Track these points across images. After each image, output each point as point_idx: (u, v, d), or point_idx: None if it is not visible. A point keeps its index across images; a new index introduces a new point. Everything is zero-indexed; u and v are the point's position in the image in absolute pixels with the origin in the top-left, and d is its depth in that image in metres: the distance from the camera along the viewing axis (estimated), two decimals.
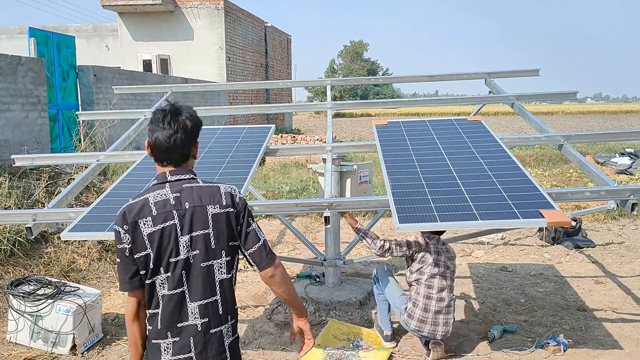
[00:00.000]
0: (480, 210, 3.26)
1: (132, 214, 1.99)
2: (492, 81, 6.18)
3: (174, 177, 2.06)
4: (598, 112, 61.37)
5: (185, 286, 2.00)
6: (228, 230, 2.06)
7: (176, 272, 1.99)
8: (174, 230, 1.99)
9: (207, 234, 2.02)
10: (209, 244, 2.02)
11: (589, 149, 14.88)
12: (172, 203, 2.01)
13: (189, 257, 2.00)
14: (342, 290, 5.17)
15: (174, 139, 2.02)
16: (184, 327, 2.01)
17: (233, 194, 2.11)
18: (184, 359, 2.00)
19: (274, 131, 5.17)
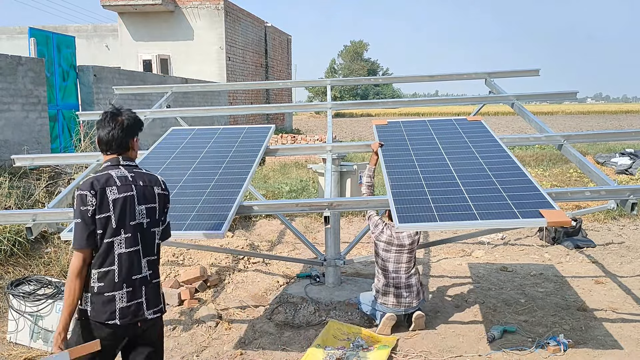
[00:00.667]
0: (479, 210, 3.26)
1: (99, 183, 2.47)
2: (493, 81, 6.18)
3: (125, 162, 2.62)
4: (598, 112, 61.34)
5: (139, 245, 2.54)
6: (163, 207, 2.69)
7: (133, 233, 2.51)
8: (133, 200, 2.54)
9: (154, 207, 2.62)
10: (154, 215, 2.62)
11: (589, 149, 14.88)
12: (130, 180, 2.57)
13: (143, 223, 2.56)
14: (342, 290, 5.17)
15: (112, 135, 2.59)
16: (138, 279, 2.52)
17: (165, 182, 2.77)
18: (136, 304, 2.49)
19: (273, 131, 5.18)
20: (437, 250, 6.94)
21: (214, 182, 4.01)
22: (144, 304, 2.52)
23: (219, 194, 3.80)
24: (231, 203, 3.63)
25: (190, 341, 4.29)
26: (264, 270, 6.02)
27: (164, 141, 5.02)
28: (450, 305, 5.02)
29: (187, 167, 4.33)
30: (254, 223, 8.39)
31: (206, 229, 3.34)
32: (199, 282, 5.37)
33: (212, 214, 3.50)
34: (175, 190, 3.91)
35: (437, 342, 4.22)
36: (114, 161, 2.59)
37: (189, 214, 3.53)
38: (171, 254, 6.16)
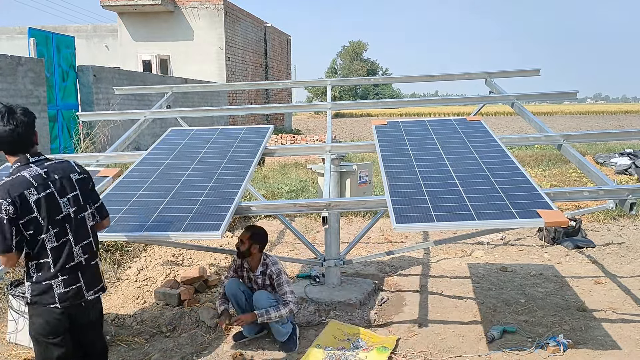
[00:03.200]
0: (477, 210, 3.25)
1: (15, 188, 2.51)
2: (493, 81, 6.18)
3: (33, 159, 2.65)
4: (598, 112, 61.38)
5: (69, 235, 2.67)
6: (86, 190, 2.81)
7: (61, 226, 2.64)
8: (54, 196, 2.62)
9: (76, 195, 2.73)
10: (79, 201, 2.74)
11: (589, 149, 14.87)
12: (45, 177, 2.62)
13: (69, 213, 2.68)
14: (342, 291, 5.17)
15: (17, 133, 2.58)
16: (72, 265, 2.68)
17: (80, 165, 2.86)
18: (75, 288, 2.69)
19: (272, 131, 5.17)
20: (437, 250, 6.94)
21: (212, 182, 4.01)
22: (83, 287, 2.73)
23: (217, 194, 3.80)
24: (229, 204, 3.63)
25: (190, 341, 4.29)
26: None
27: (163, 142, 5.02)
28: (450, 305, 5.02)
29: (185, 168, 4.33)
30: (253, 223, 8.39)
31: (204, 229, 3.33)
32: (199, 282, 5.37)
33: (210, 215, 3.50)
34: (173, 191, 3.91)
35: (437, 342, 4.22)
36: (23, 160, 2.62)
37: (187, 214, 3.53)
38: (171, 254, 6.17)
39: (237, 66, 19.69)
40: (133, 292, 5.26)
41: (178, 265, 5.94)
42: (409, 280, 5.76)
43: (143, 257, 6.06)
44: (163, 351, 4.11)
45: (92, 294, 2.77)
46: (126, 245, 6.16)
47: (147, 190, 3.94)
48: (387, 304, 5.09)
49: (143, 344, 4.24)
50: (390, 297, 5.27)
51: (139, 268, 5.75)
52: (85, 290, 2.74)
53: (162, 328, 4.50)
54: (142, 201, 3.77)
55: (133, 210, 3.63)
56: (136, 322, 4.62)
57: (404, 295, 5.30)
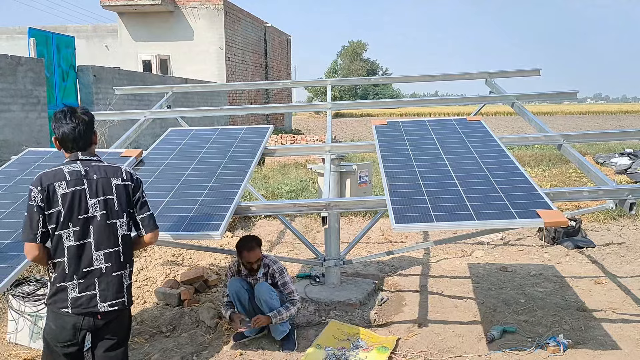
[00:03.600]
0: (477, 210, 3.25)
1: (48, 178, 2.54)
2: (493, 81, 6.17)
3: (84, 157, 2.67)
4: (598, 112, 61.37)
5: (90, 237, 2.59)
6: (127, 198, 2.70)
7: (84, 226, 2.56)
8: (84, 194, 2.58)
9: (111, 199, 2.64)
10: (113, 207, 2.64)
11: (589, 149, 14.87)
12: (83, 174, 2.61)
13: (96, 216, 2.60)
14: (342, 291, 5.17)
15: (78, 130, 2.65)
16: (90, 271, 2.58)
17: (132, 173, 2.78)
18: (88, 295, 2.57)
19: (272, 131, 5.17)
20: (437, 250, 6.94)
21: (211, 182, 4.01)
22: (97, 296, 2.59)
23: (216, 194, 3.80)
24: (229, 204, 3.63)
25: (190, 341, 4.29)
26: None
27: (162, 142, 5.02)
28: (450, 305, 5.02)
29: (185, 168, 4.33)
30: (253, 223, 8.39)
31: (203, 229, 3.34)
32: (199, 282, 5.37)
33: (209, 215, 3.50)
34: (173, 191, 3.91)
35: (437, 342, 4.21)
36: (73, 157, 2.67)
37: (187, 214, 3.53)
38: (171, 254, 6.17)
39: (237, 66, 19.69)
40: (133, 292, 5.25)
41: (178, 265, 5.94)
42: (409, 280, 5.76)
43: (143, 257, 6.06)
44: (163, 351, 4.11)
45: (106, 307, 2.60)
46: None
47: (146, 191, 3.93)
48: (387, 304, 5.10)
49: (143, 343, 4.24)
50: (390, 297, 5.27)
51: (139, 268, 5.76)
52: (99, 300, 2.59)
53: (162, 328, 4.51)
54: None
55: None
56: (136, 322, 4.62)
57: (404, 295, 5.30)
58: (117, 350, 2.73)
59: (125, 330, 2.80)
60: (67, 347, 2.61)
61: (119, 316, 2.70)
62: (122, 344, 2.76)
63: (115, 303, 2.64)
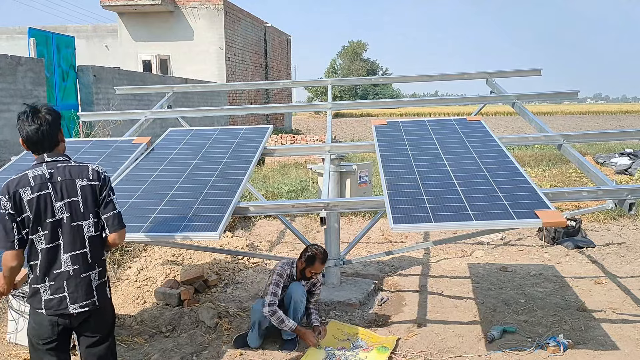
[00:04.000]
0: (475, 210, 3.25)
1: (12, 185, 2.55)
2: (494, 81, 6.17)
3: (50, 159, 2.63)
4: (598, 112, 61.36)
5: (60, 240, 2.59)
6: (93, 198, 2.66)
7: (53, 229, 2.57)
8: (49, 198, 2.57)
9: (75, 201, 2.61)
10: (78, 209, 2.62)
11: (589, 149, 14.87)
12: (47, 177, 2.59)
13: (63, 218, 2.59)
14: (342, 291, 5.17)
15: (41, 131, 2.60)
16: (59, 273, 2.59)
17: (99, 172, 2.71)
18: (59, 297, 2.59)
19: (271, 132, 5.17)
20: (437, 250, 6.94)
21: (211, 183, 4.01)
22: (67, 298, 2.59)
23: (215, 194, 3.80)
24: (227, 204, 3.63)
25: (189, 341, 4.29)
26: (263, 270, 6.02)
27: (162, 142, 5.02)
28: (450, 305, 5.02)
29: (184, 168, 4.33)
30: (253, 223, 8.39)
31: (202, 230, 3.34)
32: (199, 282, 5.37)
33: (208, 215, 3.50)
34: (172, 192, 3.91)
35: (437, 342, 4.21)
36: (40, 159, 2.64)
37: (186, 215, 3.53)
38: (171, 254, 6.16)
39: (237, 66, 19.69)
40: (133, 292, 5.26)
41: (178, 265, 5.94)
42: (409, 280, 5.76)
43: (143, 257, 6.06)
44: (163, 351, 4.10)
45: (77, 308, 2.61)
46: (126, 245, 6.15)
47: (145, 191, 3.94)
48: (387, 304, 5.10)
49: (143, 344, 4.24)
50: (390, 297, 5.27)
51: (139, 268, 5.75)
52: (69, 302, 2.60)
53: (162, 328, 4.50)
54: (141, 202, 3.77)
55: (132, 210, 3.64)
56: (136, 322, 4.62)
57: (404, 295, 5.30)
58: (99, 346, 2.75)
59: (108, 327, 2.80)
60: (48, 344, 2.64)
61: (97, 314, 2.70)
62: (104, 340, 2.77)
63: (85, 304, 2.64)
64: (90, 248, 2.66)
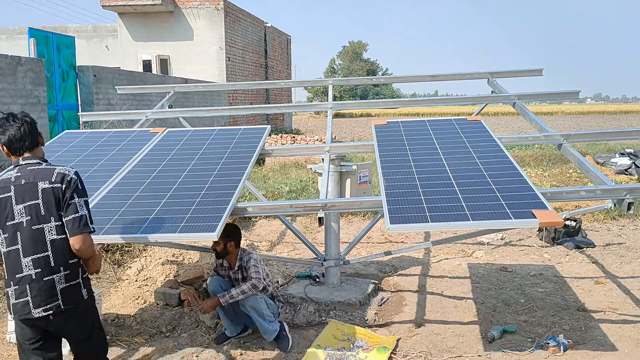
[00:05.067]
0: (472, 210, 3.24)
1: None
2: (495, 81, 6.17)
3: (24, 162, 2.69)
4: (598, 112, 61.37)
5: (19, 244, 2.60)
6: (55, 201, 2.62)
7: (12, 233, 2.60)
8: (10, 201, 2.61)
9: (35, 204, 2.61)
10: (39, 212, 2.60)
11: (589, 149, 14.87)
12: (12, 180, 2.63)
13: (23, 222, 2.60)
14: (342, 291, 5.17)
15: (23, 130, 2.68)
16: (21, 277, 2.60)
17: (65, 174, 2.67)
18: (22, 302, 2.60)
19: (269, 132, 5.16)
20: (437, 250, 6.94)
21: (208, 183, 4.01)
22: (30, 302, 2.59)
23: (213, 195, 3.80)
24: (226, 205, 3.63)
25: (189, 341, 4.29)
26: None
27: (160, 143, 5.01)
28: (450, 305, 5.02)
29: (182, 169, 4.33)
30: (253, 223, 8.39)
31: (200, 230, 3.34)
32: (199, 282, 5.36)
33: (206, 216, 3.50)
34: (170, 192, 3.91)
35: (437, 342, 4.22)
36: (16, 163, 2.71)
37: (184, 216, 3.53)
38: (171, 254, 6.16)
39: (237, 66, 19.69)
40: (133, 292, 5.26)
41: (178, 265, 5.94)
42: (409, 280, 5.76)
43: (143, 257, 6.05)
44: (163, 351, 4.11)
45: (40, 312, 2.59)
46: (126, 245, 6.16)
47: (143, 192, 3.94)
48: (387, 304, 5.10)
49: (143, 344, 4.24)
50: (390, 297, 5.27)
51: (139, 268, 5.75)
52: (32, 306, 2.59)
53: (162, 328, 4.50)
54: (139, 202, 3.77)
55: (130, 212, 3.63)
56: (136, 322, 4.62)
57: (404, 295, 5.31)
58: (85, 344, 2.81)
59: (89, 327, 2.80)
60: (33, 344, 2.69)
61: (72, 316, 2.69)
62: (88, 338, 2.81)
63: (48, 308, 2.61)
64: (53, 251, 2.62)
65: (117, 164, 4.50)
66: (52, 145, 5.05)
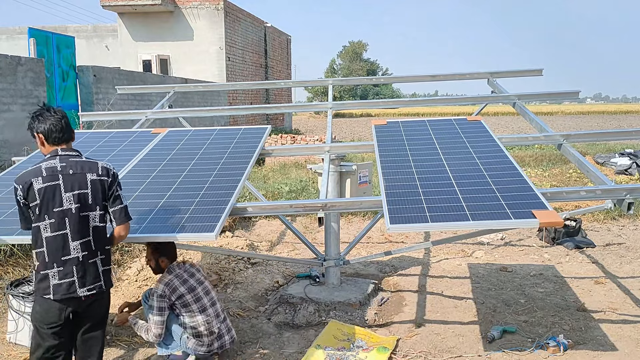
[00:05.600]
0: (472, 210, 3.24)
1: (28, 175, 2.79)
2: (495, 81, 6.17)
3: (63, 153, 2.88)
4: (598, 112, 61.39)
5: (67, 229, 2.80)
6: (102, 192, 2.91)
7: (60, 218, 2.78)
8: (58, 189, 2.79)
9: (84, 193, 2.85)
10: (87, 200, 2.85)
11: (589, 149, 14.87)
12: (59, 169, 2.82)
13: (71, 208, 2.81)
14: (342, 291, 5.17)
15: (64, 121, 2.90)
16: (68, 259, 2.81)
17: (109, 168, 2.98)
18: (68, 282, 2.81)
19: (269, 132, 5.17)
20: (437, 250, 6.94)
21: (208, 183, 4.01)
22: (76, 282, 2.83)
23: (213, 195, 3.80)
24: (225, 205, 3.63)
25: None
26: (263, 271, 6.02)
27: (160, 143, 5.01)
28: (450, 305, 5.02)
29: (182, 169, 4.33)
30: (253, 223, 8.39)
31: (199, 231, 3.34)
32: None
33: (205, 216, 3.50)
34: (169, 192, 3.91)
35: (437, 342, 4.22)
36: (53, 152, 2.89)
37: (183, 216, 3.53)
38: None
39: (237, 66, 19.69)
40: (133, 292, 5.26)
41: None
42: (409, 281, 5.76)
43: (143, 257, 6.06)
44: None
45: (85, 291, 2.86)
46: (126, 245, 6.16)
47: (143, 192, 3.94)
48: (387, 304, 5.10)
49: (143, 344, 4.24)
50: (390, 297, 5.27)
51: (139, 268, 5.75)
52: (78, 285, 2.83)
53: None
54: (139, 202, 3.77)
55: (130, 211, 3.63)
56: None
57: (404, 295, 5.31)
58: (97, 331, 3.03)
59: (105, 312, 3.07)
60: (52, 328, 2.86)
61: (100, 298, 2.98)
62: (101, 324, 3.05)
63: (92, 287, 2.89)
64: (94, 237, 2.90)
65: (117, 164, 4.50)
66: None
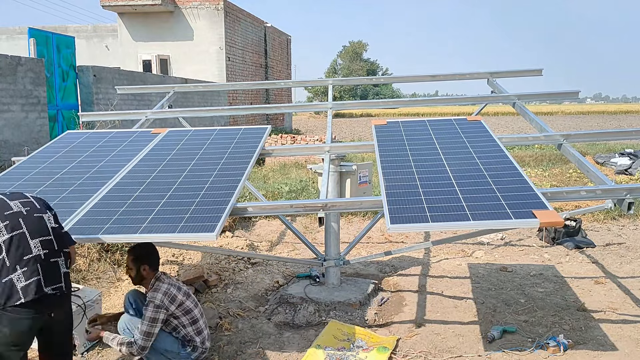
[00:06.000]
0: (473, 210, 3.24)
1: None
2: (495, 81, 6.17)
3: None
4: (598, 112, 61.38)
5: (23, 228, 2.79)
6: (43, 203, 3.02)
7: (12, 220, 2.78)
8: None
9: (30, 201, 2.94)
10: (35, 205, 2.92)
11: (589, 149, 14.87)
12: None
13: (21, 211, 2.85)
14: (342, 291, 5.17)
15: None
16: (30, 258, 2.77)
17: None
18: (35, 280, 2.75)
19: (269, 132, 5.16)
20: (437, 250, 6.94)
21: (208, 183, 4.01)
22: (42, 280, 2.78)
23: (213, 195, 3.80)
24: (225, 205, 3.63)
25: None
26: (263, 271, 6.02)
27: (160, 142, 5.01)
28: (450, 305, 5.02)
29: (182, 169, 4.33)
30: (253, 223, 8.39)
31: (199, 231, 3.33)
32: (199, 282, 5.36)
33: (205, 216, 3.50)
34: (170, 192, 3.91)
35: (437, 342, 4.21)
36: None
37: (183, 216, 3.53)
38: (171, 254, 6.17)
39: (237, 66, 19.69)
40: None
41: (178, 265, 5.94)
42: (409, 281, 5.76)
43: None
44: None
45: (50, 290, 2.81)
46: (126, 245, 6.15)
47: (143, 192, 3.94)
48: (387, 304, 5.10)
49: None
50: (390, 297, 5.27)
51: None
52: (44, 284, 2.79)
53: None
54: (139, 202, 3.76)
55: (130, 211, 3.63)
56: None
57: (404, 295, 5.30)
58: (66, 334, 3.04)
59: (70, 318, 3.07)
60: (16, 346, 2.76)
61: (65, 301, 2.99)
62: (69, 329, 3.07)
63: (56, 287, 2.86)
64: (55, 237, 2.92)
65: (117, 164, 4.50)
66: (55, 145, 5.02)
